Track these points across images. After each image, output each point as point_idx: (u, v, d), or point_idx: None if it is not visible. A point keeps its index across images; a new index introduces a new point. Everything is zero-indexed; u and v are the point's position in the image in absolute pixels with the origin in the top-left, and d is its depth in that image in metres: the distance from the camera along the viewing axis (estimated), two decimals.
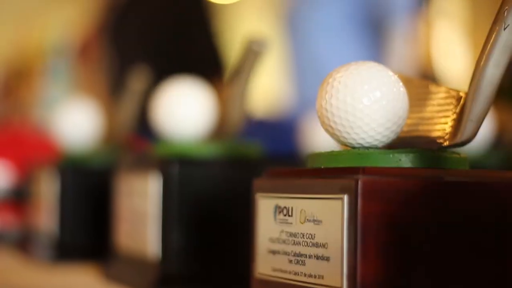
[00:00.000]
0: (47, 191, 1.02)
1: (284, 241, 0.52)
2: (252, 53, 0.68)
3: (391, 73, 0.52)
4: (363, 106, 0.49)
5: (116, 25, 2.66)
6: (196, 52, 2.57)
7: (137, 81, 0.92)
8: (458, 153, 0.53)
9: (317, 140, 1.11)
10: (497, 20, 0.48)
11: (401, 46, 1.64)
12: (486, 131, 1.01)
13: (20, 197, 1.29)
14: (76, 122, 1.03)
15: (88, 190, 0.98)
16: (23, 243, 1.18)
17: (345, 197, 0.46)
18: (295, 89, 1.95)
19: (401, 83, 0.52)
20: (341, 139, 0.51)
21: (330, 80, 0.51)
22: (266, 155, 0.78)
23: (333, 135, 0.51)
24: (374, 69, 0.51)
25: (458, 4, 5.32)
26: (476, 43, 5.28)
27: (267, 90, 2.30)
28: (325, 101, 0.50)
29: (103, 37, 2.69)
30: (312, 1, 1.88)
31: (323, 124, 0.51)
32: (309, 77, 1.89)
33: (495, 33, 0.48)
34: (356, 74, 0.50)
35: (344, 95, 0.50)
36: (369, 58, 1.75)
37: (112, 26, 2.66)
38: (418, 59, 0.99)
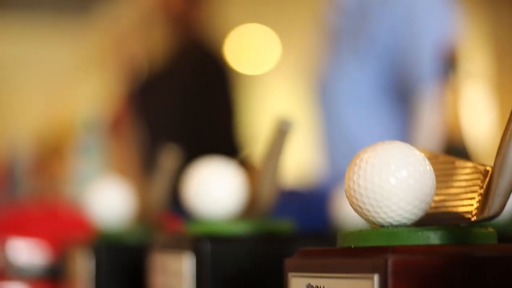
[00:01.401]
0: (82, 269, 1.03)
1: None
2: (282, 133, 0.70)
3: (417, 152, 0.53)
4: (390, 186, 0.50)
5: (144, 101, 2.70)
6: (222, 129, 2.60)
7: (168, 160, 0.94)
8: (486, 228, 0.53)
9: (348, 211, 1.12)
10: None
11: (429, 115, 1.64)
12: None
13: (55, 275, 1.30)
14: (109, 200, 1.04)
15: (122, 268, 1.00)
16: None
17: (376, 277, 0.47)
18: (326, 160, 1.95)
19: (427, 161, 0.53)
20: (371, 218, 0.52)
21: (357, 160, 0.52)
22: (297, 231, 0.79)
23: (362, 214, 0.52)
24: (400, 149, 0.52)
25: (483, 63, 5.33)
26: (502, 100, 5.26)
27: (298, 161, 2.31)
28: (353, 181, 0.52)
29: (132, 112, 2.73)
30: (339, 69, 1.89)
31: (352, 204, 0.52)
32: (339, 146, 1.90)
33: None
34: (382, 154, 0.52)
35: (372, 175, 0.51)
36: (396, 128, 1.75)
37: (140, 102, 2.70)
38: (446, 127, 1.00)
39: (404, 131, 1.78)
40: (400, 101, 1.79)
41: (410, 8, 1.78)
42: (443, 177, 0.56)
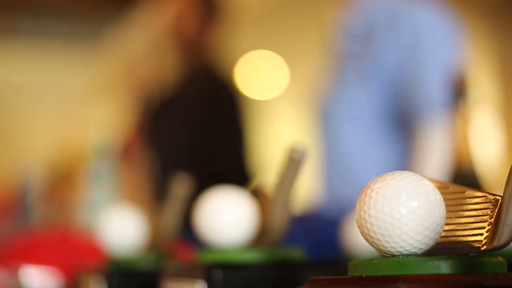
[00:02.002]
0: None
1: None
2: (294, 161, 0.70)
3: (427, 182, 0.53)
4: (401, 216, 0.51)
5: (154, 127, 2.71)
6: (233, 154, 2.60)
7: (180, 188, 0.94)
8: (496, 257, 0.53)
9: (359, 240, 1.11)
10: None
11: (436, 142, 1.62)
12: None
13: None
14: (121, 227, 1.05)
15: None
16: None
17: None
18: (326, 186, 1.92)
19: (437, 191, 0.53)
20: (381, 247, 0.52)
21: (368, 191, 0.52)
22: (308, 259, 0.79)
23: (373, 243, 0.52)
24: (411, 179, 0.53)
25: (489, 89, 5.32)
26: (509, 126, 5.24)
27: (300, 186, 2.30)
28: (363, 211, 0.52)
29: (142, 139, 2.73)
30: (343, 94, 1.87)
31: (363, 233, 0.53)
32: (339, 172, 1.88)
33: None
34: (393, 184, 0.52)
35: (382, 205, 0.51)
36: (400, 155, 1.72)
37: (151, 128, 2.70)
38: (455, 154, 0.99)
39: (407, 158, 1.76)
40: (405, 127, 1.77)
41: (416, 34, 1.77)
42: (453, 206, 0.57)
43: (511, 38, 5.24)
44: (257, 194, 0.79)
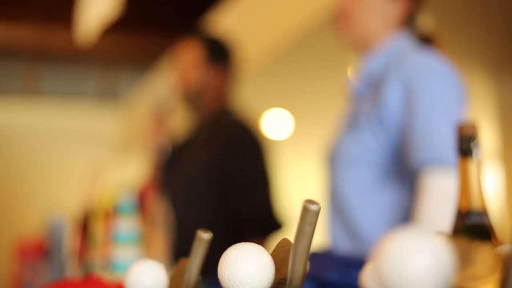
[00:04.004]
0: None
1: None
2: (310, 212, 0.70)
3: (436, 236, 0.53)
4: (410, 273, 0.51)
5: (167, 175, 2.69)
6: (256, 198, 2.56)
7: (200, 246, 0.94)
8: None
9: None
10: None
11: (445, 191, 1.58)
12: None
13: None
14: (145, 285, 1.04)
15: None
16: None
17: None
18: (329, 236, 1.88)
19: (446, 244, 0.53)
20: None
21: (376, 252, 0.53)
22: None
23: None
24: (420, 235, 0.53)
25: (490, 137, 5.30)
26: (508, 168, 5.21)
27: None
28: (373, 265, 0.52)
29: (156, 192, 2.72)
30: (350, 139, 1.82)
31: None
32: (340, 223, 1.84)
33: None
34: (402, 239, 0.52)
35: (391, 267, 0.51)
36: (405, 205, 1.64)
37: (163, 183, 2.69)
38: (463, 203, 0.98)
39: (411, 208, 1.71)
40: (409, 172, 1.70)
41: (422, 78, 1.71)
42: (463, 260, 0.56)
43: (510, 89, 5.25)
44: (278, 247, 0.79)
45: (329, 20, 2.02)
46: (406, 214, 1.73)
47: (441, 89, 1.72)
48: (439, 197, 1.58)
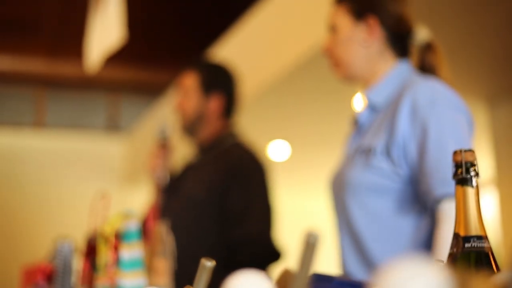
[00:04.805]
0: None
1: None
2: (309, 246, 0.70)
3: (434, 265, 0.53)
4: None
5: (165, 207, 2.67)
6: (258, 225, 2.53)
7: (203, 275, 0.94)
8: None
9: None
10: None
11: (448, 221, 1.57)
12: None
13: None
14: None
15: None
16: None
17: None
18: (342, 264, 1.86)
19: (444, 273, 0.53)
20: None
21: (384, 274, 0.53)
22: None
23: None
24: (420, 266, 0.53)
25: (486, 167, 5.29)
26: (505, 202, 5.20)
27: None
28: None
29: (157, 218, 2.70)
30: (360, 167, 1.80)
31: None
32: (350, 250, 1.81)
33: None
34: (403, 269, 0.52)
35: None
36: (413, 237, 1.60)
37: (163, 208, 2.66)
38: (466, 230, 0.98)
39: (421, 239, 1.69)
40: (424, 205, 1.69)
41: (429, 102, 1.70)
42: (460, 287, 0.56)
43: (505, 121, 5.25)
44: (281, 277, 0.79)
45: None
46: (422, 242, 1.70)
47: (451, 115, 1.70)
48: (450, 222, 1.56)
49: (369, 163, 1.76)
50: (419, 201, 1.71)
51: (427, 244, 1.67)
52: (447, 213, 1.59)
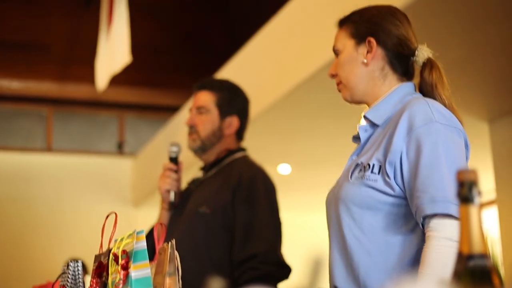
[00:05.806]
0: None
1: None
2: (316, 264, 0.70)
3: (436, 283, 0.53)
4: None
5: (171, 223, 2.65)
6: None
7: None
8: None
9: None
10: None
11: (450, 237, 1.57)
12: None
13: None
14: None
15: None
16: None
17: None
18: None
19: None
20: None
21: None
22: None
23: None
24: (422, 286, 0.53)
25: (485, 184, 5.27)
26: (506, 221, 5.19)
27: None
28: None
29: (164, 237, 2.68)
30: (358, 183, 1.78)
31: None
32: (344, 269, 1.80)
33: None
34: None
35: None
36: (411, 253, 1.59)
37: (170, 224, 2.64)
38: (467, 249, 0.97)
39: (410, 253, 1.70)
40: (417, 224, 1.68)
41: (427, 120, 1.71)
42: None
43: (506, 141, 5.24)
44: None
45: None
46: (411, 259, 1.69)
47: (446, 135, 1.71)
48: (445, 247, 1.58)
49: (364, 179, 1.76)
50: (412, 218, 1.71)
51: (416, 261, 1.67)
52: (436, 230, 1.61)
